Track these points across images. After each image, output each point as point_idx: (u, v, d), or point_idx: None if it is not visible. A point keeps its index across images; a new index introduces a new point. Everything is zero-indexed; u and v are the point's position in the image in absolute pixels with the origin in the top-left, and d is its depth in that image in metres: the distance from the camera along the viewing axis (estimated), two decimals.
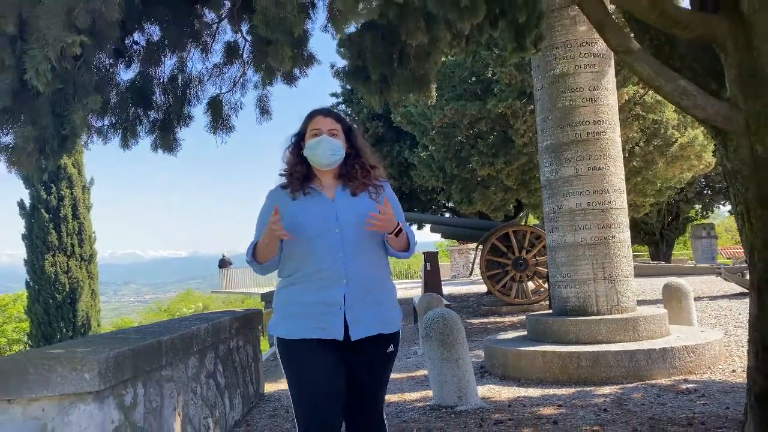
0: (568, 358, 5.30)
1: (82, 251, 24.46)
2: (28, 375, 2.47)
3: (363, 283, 2.21)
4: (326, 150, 2.24)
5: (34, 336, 23.95)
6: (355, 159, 2.33)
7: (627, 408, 4.29)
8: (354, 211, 2.22)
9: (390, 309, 2.30)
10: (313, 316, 2.18)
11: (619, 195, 6.02)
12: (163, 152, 2.96)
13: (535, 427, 3.95)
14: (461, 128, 9.09)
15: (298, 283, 2.24)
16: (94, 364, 2.46)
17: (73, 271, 24.13)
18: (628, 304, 5.93)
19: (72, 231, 24.26)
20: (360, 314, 2.19)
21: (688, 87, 2.91)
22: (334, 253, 2.18)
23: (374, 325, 2.21)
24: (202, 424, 3.81)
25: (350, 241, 2.20)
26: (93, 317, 24.55)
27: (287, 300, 2.27)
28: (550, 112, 6.14)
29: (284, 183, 2.34)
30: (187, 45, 2.97)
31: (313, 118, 2.32)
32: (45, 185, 23.69)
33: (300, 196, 2.26)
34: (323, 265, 2.18)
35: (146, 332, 3.40)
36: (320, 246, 2.19)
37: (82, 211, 24.75)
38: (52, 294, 23.73)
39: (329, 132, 2.26)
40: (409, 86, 3.84)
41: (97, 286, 25.24)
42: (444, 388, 4.59)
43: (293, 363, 2.23)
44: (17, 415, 2.49)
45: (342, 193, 2.29)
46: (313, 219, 2.21)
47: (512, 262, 11.03)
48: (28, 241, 23.96)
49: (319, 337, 2.17)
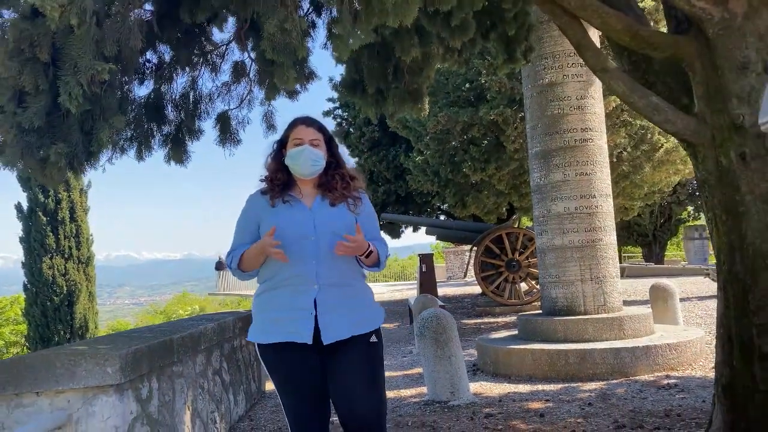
0: (556, 355, 5.55)
1: (79, 254, 24.59)
2: (55, 369, 2.70)
3: (335, 289, 2.27)
4: (307, 160, 2.28)
5: (32, 338, 24.08)
6: (336, 169, 2.38)
7: (610, 402, 4.54)
8: (331, 221, 2.28)
9: (363, 312, 2.34)
10: (286, 320, 2.25)
11: (605, 199, 6.28)
12: (174, 164, 3.20)
13: (522, 419, 4.20)
14: (454, 134, 9.38)
15: (273, 289, 2.31)
16: (117, 360, 2.69)
17: (71, 273, 24.26)
18: (614, 304, 6.18)
19: (69, 234, 24.39)
20: (331, 319, 2.24)
21: (660, 103, 3.17)
22: (307, 260, 2.24)
23: (346, 329, 2.26)
24: (210, 418, 4.04)
25: (325, 249, 2.24)
26: (90, 319, 24.68)
27: (263, 305, 2.34)
28: (539, 119, 6.40)
29: (264, 189, 2.38)
30: (198, 65, 3.22)
31: (295, 127, 2.35)
32: (43, 188, 23.79)
33: (279, 203, 2.31)
34: (296, 271, 2.24)
35: (158, 331, 3.63)
36: (295, 252, 2.23)
37: (80, 213, 24.88)
38: (50, 296, 23.84)
39: (311, 142, 2.30)
40: (403, 100, 4.08)
41: (94, 288, 25.36)
42: (437, 384, 4.83)
43: (270, 365, 2.32)
44: (45, 406, 2.72)
45: (321, 203, 2.33)
46: (291, 226, 2.25)
47: (505, 264, 11.28)
48: (26, 244, 24.07)
49: (289, 340, 2.23)
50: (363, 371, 2.27)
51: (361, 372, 2.27)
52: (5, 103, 2.26)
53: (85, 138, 2.33)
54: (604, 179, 6.31)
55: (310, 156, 2.29)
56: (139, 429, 2.94)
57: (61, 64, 2.18)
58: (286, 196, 2.33)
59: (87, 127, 2.33)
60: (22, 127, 2.25)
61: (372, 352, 2.31)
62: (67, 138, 2.30)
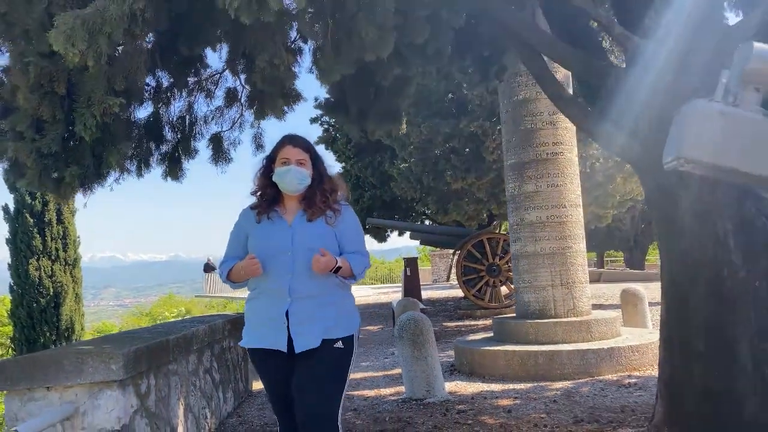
0: (526, 356, 5.91)
1: (66, 255, 24.60)
2: (64, 366, 2.99)
3: (309, 300, 2.42)
4: (293, 179, 2.46)
5: (18, 340, 24.03)
6: (318, 185, 2.51)
7: (573, 399, 4.90)
8: (308, 237, 2.44)
9: (336, 320, 2.47)
10: (263, 328, 2.48)
11: (575, 209, 6.67)
12: (171, 180, 3.51)
13: (491, 415, 4.55)
14: (437, 144, 9.76)
15: (256, 298, 2.53)
16: (120, 358, 2.99)
17: (57, 275, 24.27)
18: (583, 308, 6.56)
19: (56, 235, 24.40)
20: (303, 329, 2.41)
21: (610, 128, 3.54)
22: (283, 274, 2.42)
23: (316, 338, 2.41)
24: (201, 413, 4.34)
25: (300, 263, 2.40)
26: (77, 321, 24.69)
27: (249, 313, 2.58)
28: (514, 133, 6.78)
29: (254, 204, 2.58)
30: (194, 91, 3.54)
31: (283, 147, 2.51)
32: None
33: (264, 219, 2.50)
34: (273, 285, 2.44)
35: (155, 332, 3.94)
36: (273, 266, 2.42)
37: (67, 215, 24.88)
38: (36, 298, 23.83)
39: (297, 162, 2.47)
40: (383, 119, 4.42)
41: (81, 290, 25.38)
42: (414, 382, 5.17)
43: (256, 367, 2.61)
44: (55, 400, 3.01)
45: (300, 219, 2.49)
46: (271, 242, 2.46)
47: (486, 268, 11.65)
48: (12, 245, 24.06)
49: (265, 347, 2.47)
50: (320, 370, 2.41)
51: (319, 371, 2.41)
52: (25, 130, 2.56)
53: (95, 161, 2.64)
54: (574, 190, 6.69)
55: (296, 175, 2.46)
56: (139, 421, 3.25)
57: (76, 97, 2.49)
58: (271, 212, 2.51)
59: (97, 151, 2.64)
60: (41, 151, 2.56)
61: (334, 354, 2.44)
62: (80, 161, 2.61)
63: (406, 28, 3.51)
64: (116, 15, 2.26)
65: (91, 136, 2.42)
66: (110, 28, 2.19)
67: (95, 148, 2.58)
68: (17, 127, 2.50)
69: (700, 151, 1.83)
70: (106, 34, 2.19)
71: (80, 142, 2.56)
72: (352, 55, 3.18)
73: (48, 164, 2.55)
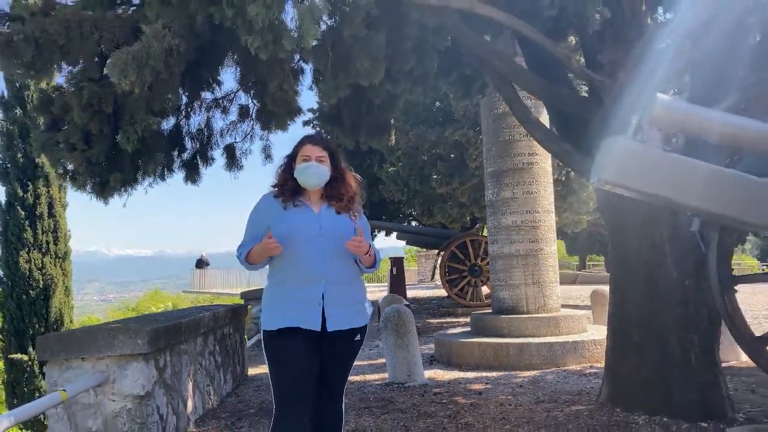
0: (499, 348, 6.50)
1: (57, 249, 24.78)
2: (97, 341, 3.52)
3: (338, 283, 2.54)
4: (313, 175, 2.56)
5: (7, 331, 24.16)
6: (342, 184, 2.63)
7: (538, 385, 5.48)
8: (335, 225, 2.56)
9: (360, 305, 2.64)
10: (297, 309, 2.50)
11: (548, 215, 7.27)
12: (190, 184, 4.02)
13: (463, 396, 5.12)
14: (423, 150, 10.34)
15: (284, 283, 2.56)
16: (145, 334, 3.52)
17: (48, 268, 24.48)
18: (552, 305, 7.17)
19: (47, 229, 24.56)
20: (335, 310, 2.51)
21: (568, 148, 4.12)
22: (315, 259, 2.50)
23: (347, 320, 2.55)
24: (205, 390, 4.87)
25: (330, 249, 2.52)
26: (66, 314, 24.86)
27: (276, 296, 2.59)
28: (493, 144, 7.37)
29: (277, 192, 2.63)
30: (212, 108, 4.07)
31: (304, 145, 2.62)
32: (21, 183, 24.03)
33: (291, 206, 2.58)
34: (305, 268, 2.51)
35: (169, 316, 4.46)
36: (305, 251, 2.50)
37: (58, 209, 25.04)
38: (26, 290, 24.04)
39: (317, 159, 2.57)
40: (374, 132, 4.98)
41: (71, 283, 25.59)
42: (396, 368, 5.73)
43: (278, 349, 2.53)
44: (89, 369, 3.53)
45: (327, 210, 2.60)
46: (301, 228, 2.52)
47: (468, 269, 12.26)
48: (3, 238, 24.23)
49: (300, 326, 2.49)
50: (344, 364, 2.66)
51: (343, 365, 2.65)
52: (76, 142, 3.08)
53: (133, 168, 3.16)
54: (547, 197, 7.29)
55: (316, 171, 2.57)
56: (158, 391, 3.77)
57: (120, 116, 3.01)
58: (296, 200, 2.60)
59: (136, 161, 3.16)
60: (90, 160, 3.07)
61: (355, 348, 2.68)
62: (121, 169, 3.12)
63: (395, 58, 4.06)
64: (158, 51, 2.77)
65: (132, 148, 2.93)
66: (153, 61, 2.70)
67: (134, 158, 3.09)
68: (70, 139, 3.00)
69: (614, 175, 2.43)
70: (150, 67, 2.71)
71: (122, 153, 3.07)
72: (348, 81, 3.73)
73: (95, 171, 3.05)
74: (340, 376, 2.67)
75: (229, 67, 3.73)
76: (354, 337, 2.62)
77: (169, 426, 3.90)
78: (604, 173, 2.41)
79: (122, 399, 3.53)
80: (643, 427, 3.73)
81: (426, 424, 4.24)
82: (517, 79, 4.03)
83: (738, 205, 2.27)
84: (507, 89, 4.19)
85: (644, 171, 2.34)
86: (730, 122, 2.39)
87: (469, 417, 4.38)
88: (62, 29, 2.83)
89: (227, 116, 4.13)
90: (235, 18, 2.79)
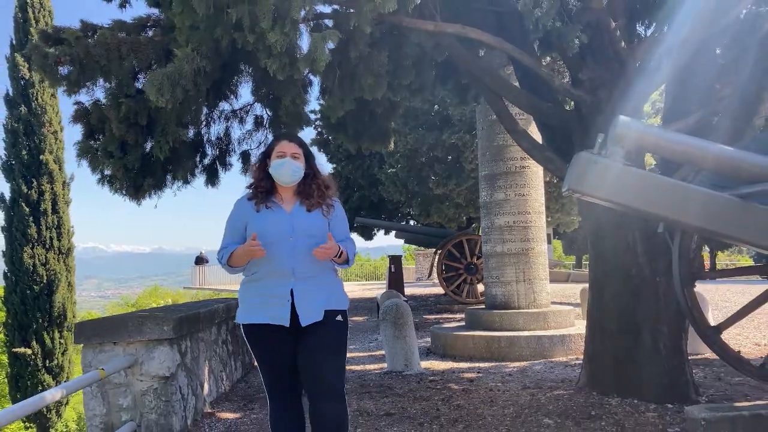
0: (491, 340, 6.92)
1: (60, 244, 25.16)
2: (128, 327, 3.93)
3: (310, 280, 2.61)
4: (288, 170, 2.62)
5: (10, 325, 24.55)
6: (313, 180, 2.70)
7: (526, 374, 5.91)
8: (307, 225, 2.63)
9: (333, 296, 2.68)
10: (267, 305, 2.59)
11: (538, 216, 7.69)
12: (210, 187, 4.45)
13: (456, 383, 5.55)
14: (421, 153, 10.77)
15: (257, 280, 2.64)
16: (171, 322, 3.94)
17: (51, 263, 24.87)
18: (542, 301, 7.60)
19: (51, 225, 24.94)
20: (306, 305, 2.59)
21: (552, 156, 4.54)
22: (286, 257, 2.58)
23: (318, 312, 2.60)
24: (219, 376, 5.29)
25: (301, 248, 2.58)
26: (69, 309, 25.28)
27: (249, 293, 2.68)
28: (488, 148, 7.79)
29: (250, 195, 2.70)
30: (230, 119, 4.49)
31: (279, 142, 2.70)
32: (26, 180, 24.40)
33: (263, 208, 2.64)
34: (276, 267, 2.58)
35: (189, 307, 4.88)
36: (276, 250, 2.56)
37: (62, 205, 25.41)
38: (30, 285, 24.42)
39: (292, 155, 2.64)
40: (374, 138, 5.40)
41: (73, 278, 25.98)
42: (395, 358, 6.15)
43: (253, 343, 2.67)
44: (120, 352, 3.95)
45: (299, 209, 2.66)
46: (273, 228, 2.59)
47: (465, 267, 12.67)
48: (8, 234, 24.61)
49: (270, 322, 2.58)
50: (327, 340, 2.61)
51: (326, 341, 2.61)
52: (114, 150, 3.49)
53: (163, 173, 3.57)
54: (538, 199, 7.72)
55: (290, 167, 2.63)
56: (180, 373, 4.19)
57: (153, 127, 3.42)
58: (269, 202, 2.67)
59: (167, 167, 3.57)
60: (126, 166, 3.49)
61: (338, 327, 2.66)
62: (153, 174, 3.54)
63: (396, 73, 4.48)
64: (188, 71, 3.18)
65: (164, 156, 3.33)
66: (184, 81, 3.11)
67: (165, 165, 3.50)
68: (108, 147, 3.41)
69: (581, 185, 2.85)
70: (182, 86, 3.11)
71: (154, 160, 3.48)
72: (353, 95, 4.15)
73: (131, 176, 3.46)
74: (332, 364, 2.61)
75: (246, 81, 4.16)
76: (335, 317, 2.65)
77: (189, 405, 4.32)
78: (572, 183, 2.83)
79: (149, 379, 3.94)
80: (615, 408, 4.16)
81: (421, 405, 4.66)
82: (506, 94, 4.45)
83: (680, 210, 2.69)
84: (496, 102, 4.61)
85: (606, 182, 2.76)
86: (678, 141, 2.82)
87: (460, 400, 4.81)
88: (104, 51, 3.24)
89: (244, 126, 4.57)
90: (256, 43, 3.20)
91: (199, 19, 3.15)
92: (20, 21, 20.85)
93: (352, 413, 4.50)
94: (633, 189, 2.73)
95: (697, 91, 4.44)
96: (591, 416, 4.06)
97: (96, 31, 3.63)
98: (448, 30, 3.80)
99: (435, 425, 4.11)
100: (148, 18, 3.64)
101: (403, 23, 3.70)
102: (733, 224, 2.66)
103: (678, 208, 2.68)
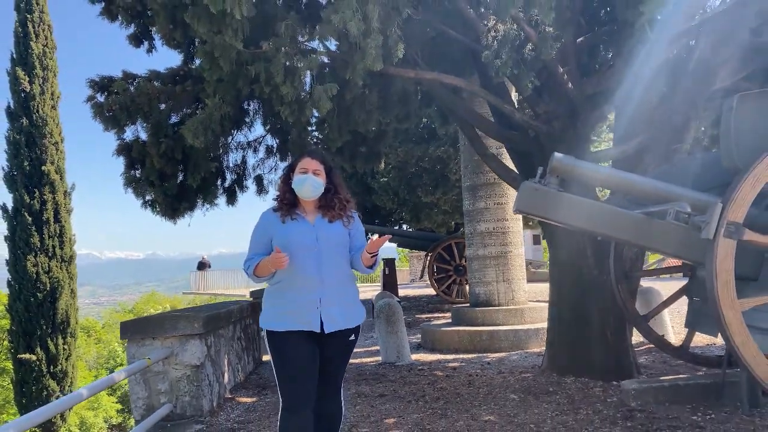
0: (474, 334, 7.76)
1: (62, 253, 25.78)
2: (164, 324, 4.74)
3: (334, 288, 2.74)
4: (309, 187, 2.77)
5: (15, 332, 25.17)
6: (334, 194, 2.84)
7: (503, 363, 6.75)
8: (330, 235, 2.79)
9: (354, 307, 2.85)
10: (298, 312, 2.71)
11: (516, 222, 8.54)
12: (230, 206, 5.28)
13: (441, 370, 6.38)
14: (410, 164, 11.63)
15: (285, 289, 2.76)
16: (201, 320, 4.75)
17: (54, 271, 25.51)
18: (520, 299, 8.45)
19: (54, 233, 25.58)
20: (332, 312, 2.72)
21: (515, 175, 5.38)
22: (313, 266, 2.71)
23: (342, 321, 2.76)
24: (235, 368, 6.10)
25: (326, 257, 2.74)
26: (72, 315, 25.94)
27: (277, 300, 2.79)
28: (469, 161, 8.64)
29: (275, 207, 2.86)
30: (245, 149, 5.33)
31: (303, 158, 2.84)
32: (28, 190, 25.01)
33: (288, 220, 2.78)
34: (303, 275, 2.71)
35: (211, 308, 5.69)
36: (303, 259, 2.70)
37: (64, 214, 26.01)
38: (34, 293, 25.03)
39: (313, 172, 2.78)
40: (367, 160, 6.23)
41: (76, 285, 26.64)
42: (388, 351, 6.98)
43: (280, 349, 2.72)
44: (158, 345, 4.75)
45: (321, 220, 2.82)
46: (299, 239, 2.74)
47: (454, 268, 13.52)
48: (11, 243, 25.22)
49: (301, 329, 2.70)
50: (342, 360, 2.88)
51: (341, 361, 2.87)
52: (155, 180, 4.31)
53: (194, 197, 4.38)
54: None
55: (312, 183, 2.78)
56: (207, 363, 5.00)
57: (187, 161, 4.23)
58: (293, 214, 2.81)
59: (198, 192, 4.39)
60: (166, 193, 4.30)
61: (350, 346, 2.89)
62: (188, 199, 4.35)
63: (385, 108, 5.32)
64: (217, 117, 3.99)
65: (197, 185, 4.13)
66: (215, 125, 3.91)
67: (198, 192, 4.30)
68: (149, 177, 4.23)
69: (524, 206, 3.69)
70: (212, 129, 3.92)
71: (188, 187, 4.28)
72: (348, 128, 4.98)
73: (169, 201, 4.27)
74: (337, 372, 2.86)
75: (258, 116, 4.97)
76: (349, 337, 2.83)
77: (214, 390, 5.13)
78: (519, 205, 3.68)
79: (183, 368, 4.75)
80: (570, 385, 5.01)
81: (410, 388, 5.49)
82: (478, 125, 5.29)
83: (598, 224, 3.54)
84: (469, 130, 5.45)
85: (543, 204, 3.60)
86: (601, 172, 3.66)
87: (443, 384, 5.64)
88: (146, 100, 4.04)
89: (257, 154, 5.41)
90: (271, 93, 4.01)
91: (224, 74, 3.96)
92: (20, 35, 21.47)
93: (351, 396, 5.32)
94: (563, 209, 3.57)
95: (641, 119, 5.29)
96: (549, 392, 4.90)
97: (135, 79, 4.46)
98: (427, 76, 4.64)
99: (420, 402, 4.94)
100: (179, 69, 4.45)
101: (389, 72, 4.54)
102: (640, 235, 3.51)
103: (597, 224, 3.52)
